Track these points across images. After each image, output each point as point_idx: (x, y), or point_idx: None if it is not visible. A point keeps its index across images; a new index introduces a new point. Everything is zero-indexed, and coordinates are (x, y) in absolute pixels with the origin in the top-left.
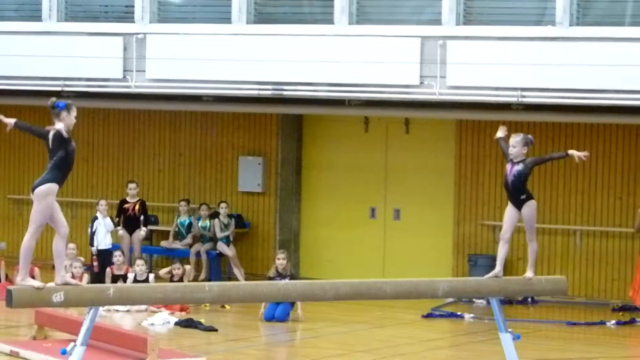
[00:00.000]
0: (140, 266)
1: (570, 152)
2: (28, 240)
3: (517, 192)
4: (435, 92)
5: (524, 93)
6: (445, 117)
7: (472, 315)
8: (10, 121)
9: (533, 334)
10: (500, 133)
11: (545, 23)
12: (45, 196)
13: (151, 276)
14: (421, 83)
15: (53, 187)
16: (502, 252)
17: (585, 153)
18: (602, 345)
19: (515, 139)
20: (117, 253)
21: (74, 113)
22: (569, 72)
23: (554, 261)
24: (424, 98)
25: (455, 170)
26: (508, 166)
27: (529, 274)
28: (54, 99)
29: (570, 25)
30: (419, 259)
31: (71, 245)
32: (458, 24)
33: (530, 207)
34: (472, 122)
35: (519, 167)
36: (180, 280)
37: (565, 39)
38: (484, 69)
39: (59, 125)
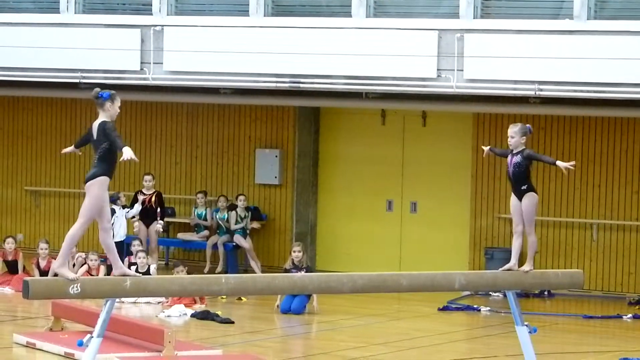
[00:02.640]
0: (140, 258)
1: (558, 162)
2: (75, 230)
3: (519, 183)
4: (452, 85)
5: (542, 86)
6: (463, 110)
7: (488, 308)
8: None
9: (549, 327)
10: (486, 150)
11: (562, 16)
12: (96, 189)
13: (152, 267)
14: (438, 76)
15: (104, 179)
16: (516, 245)
17: (572, 163)
18: (618, 339)
19: (513, 129)
20: (136, 242)
21: (118, 103)
22: (586, 66)
23: (571, 254)
24: (441, 91)
25: (472, 164)
26: (509, 157)
27: (527, 267)
28: (98, 89)
29: (588, 18)
30: (435, 252)
31: None
32: (475, 17)
33: (529, 198)
34: (490, 115)
35: (517, 158)
36: None
37: (583, 33)
38: (502, 62)
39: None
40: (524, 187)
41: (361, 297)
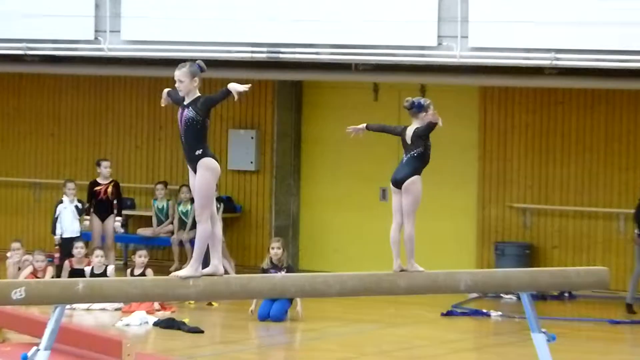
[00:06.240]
0: (98, 257)
1: (231, 86)
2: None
3: (191, 146)
4: (455, 54)
5: (559, 55)
6: (467, 83)
7: (499, 312)
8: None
9: (571, 334)
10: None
11: None
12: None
13: (110, 268)
14: (439, 44)
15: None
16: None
17: (247, 86)
18: None
19: (181, 71)
20: (78, 244)
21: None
22: (609, 32)
23: (594, 249)
24: (443, 61)
25: (479, 144)
26: (179, 111)
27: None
28: (410, 98)
29: None
30: (437, 247)
31: (15, 244)
32: None
33: (204, 169)
34: (498, 89)
35: (190, 111)
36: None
37: None
38: (512, 28)
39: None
40: (198, 153)
41: (352, 301)
